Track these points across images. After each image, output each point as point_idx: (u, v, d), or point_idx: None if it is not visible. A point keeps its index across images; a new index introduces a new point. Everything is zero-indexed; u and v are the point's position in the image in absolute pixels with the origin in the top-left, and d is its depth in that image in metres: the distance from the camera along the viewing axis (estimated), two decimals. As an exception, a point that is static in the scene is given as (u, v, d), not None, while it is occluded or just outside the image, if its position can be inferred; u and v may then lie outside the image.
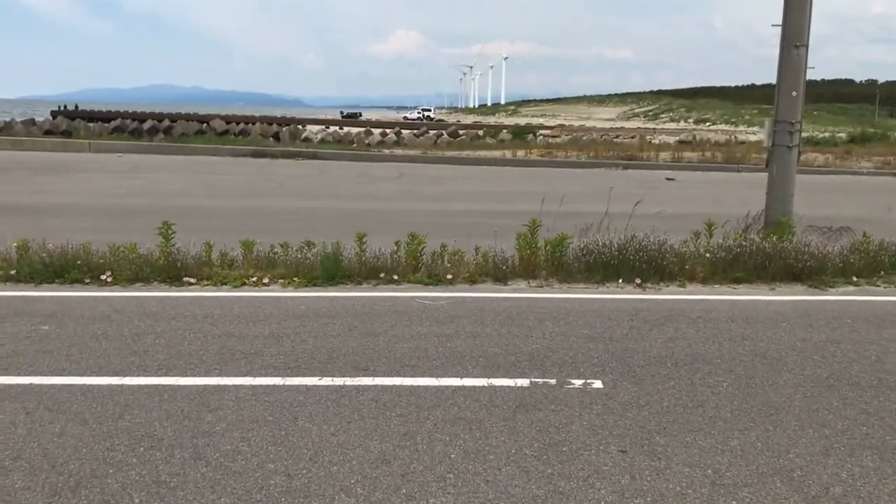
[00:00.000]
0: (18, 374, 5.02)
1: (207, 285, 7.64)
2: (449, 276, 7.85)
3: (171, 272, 7.74)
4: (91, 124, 46.42)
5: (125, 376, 5.03)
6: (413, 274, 7.97)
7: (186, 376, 5.05)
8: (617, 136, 50.57)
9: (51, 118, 54.35)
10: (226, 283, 7.67)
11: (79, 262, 7.64)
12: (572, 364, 5.42)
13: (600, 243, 8.00)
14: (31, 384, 4.87)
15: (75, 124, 44.86)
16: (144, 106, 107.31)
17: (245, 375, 5.08)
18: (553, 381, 5.06)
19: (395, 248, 8.23)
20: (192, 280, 7.71)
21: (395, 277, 7.84)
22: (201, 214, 13.76)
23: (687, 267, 8.10)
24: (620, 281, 7.89)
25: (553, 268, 8.05)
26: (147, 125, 51.06)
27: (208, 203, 15.62)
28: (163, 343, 5.72)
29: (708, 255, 8.24)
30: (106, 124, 49.07)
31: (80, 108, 70.83)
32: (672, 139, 44.95)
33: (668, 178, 23.66)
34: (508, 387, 4.96)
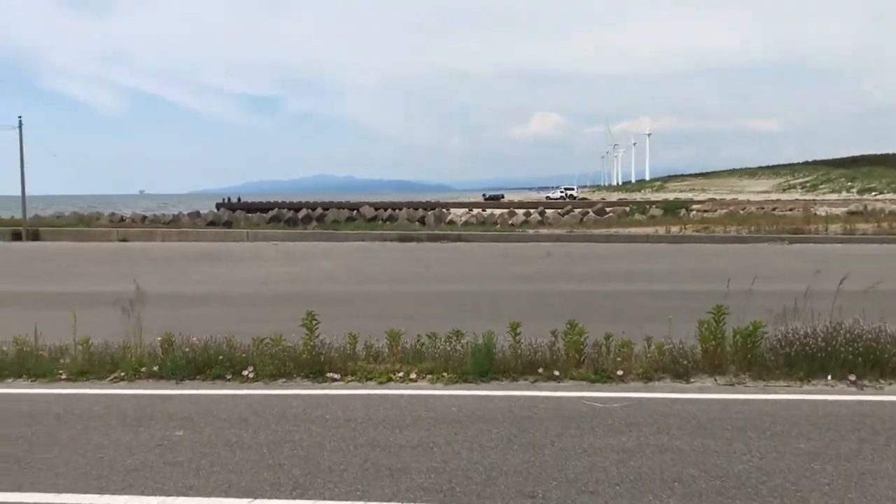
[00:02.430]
0: (142, 493, 4.48)
1: (352, 381, 7.02)
2: (619, 372, 6.82)
3: (315, 367, 7.19)
4: (250, 214, 49.00)
5: (256, 498, 4.37)
6: (576, 369, 7.02)
7: (324, 499, 4.33)
8: (774, 209, 47.56)
9: (214, 210, 57.99)
10: (371, 379, 7.03)
11: (221, 356, 7.26)
12: (796, 493, 4.25)
13: (801, 332, 6.74)
14: (155, 504, 4.30)
15: (236, 215, 47.49)
16: (301, 196, 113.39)
17: (390, 501, 4.29)
18: (775, 518, 3.93)
19: (553, 338, 7.34)
20: (335, 376, 7.12)
21: (556, 373, 6.91)
22: (348, 300, 13.47)
23: (913, 360, 6.68)
24: (829, 378, 6.57)
25: (744, 362, 6.84)
26: (301, 214, 53.32)
27: (356, 288, 15.39)
28: (301, 454, 5.06)
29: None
30: (264, 214, 51.68)
31: (241, 200, 75.53)
32: (839, 210, 41.64)
33: None
34: (717, 525, 3.88)
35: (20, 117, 32.85)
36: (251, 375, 7.12)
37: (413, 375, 7.05)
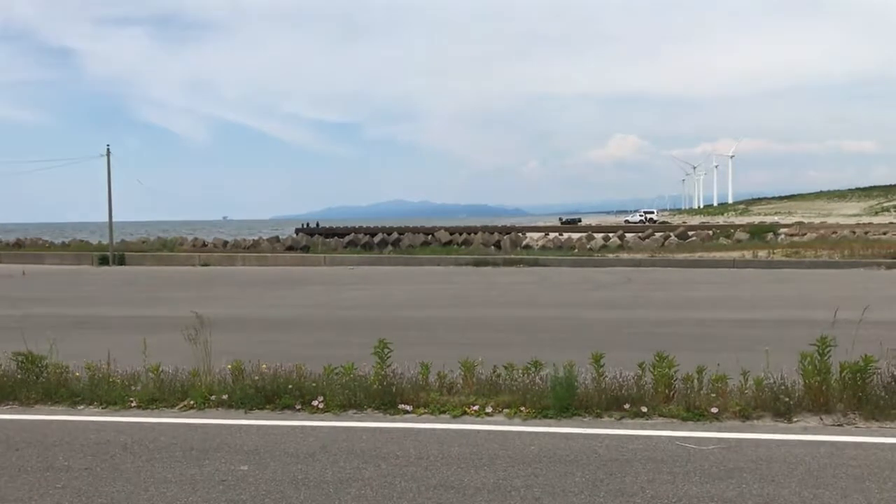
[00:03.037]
0: (201, 535, 4.23)
1: (424, 414, 6.68)
2: (713, 409, 6.27)
3: (386, 398, 6.88)
4: (328, 239, 49.60)
5: (320, 544, 4.06)
6: (665, 405, 6.49)
7: (392, 548, 3.98)
8: (867, 232, 45.23)
9: (294, 235, 59.01)
10: (444, 412, 6.67)
11: (290, 385, 7.03)
12: (932, 560, 3.68)
13: (920, 369, 6.06)
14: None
15: (314, 240, 48.13)
16: (378, 221, 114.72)
17: (464, 553, 3.91)
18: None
19: (640, 371, 6.84)
20: (407, 408, 6.78)
21: (644, 409, 6.40)
22: (422, 326, 13.21)
23: None
24: (955, 421, 5.87)
25: (854, 400, 6.19)
26: (377, 238, 53.70)
27: (430, 313, 15.13)
28: (369, 495, 4.73)
29: None
30: (341, 239, 52.26)
31: (320, 225, 76.75)
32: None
33: None
34: None
35: (108, 146, 34.12)
36: (321, 406, 6.85)
37: (489, 409, 6.65)
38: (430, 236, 54.16)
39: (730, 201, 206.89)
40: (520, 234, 55.03)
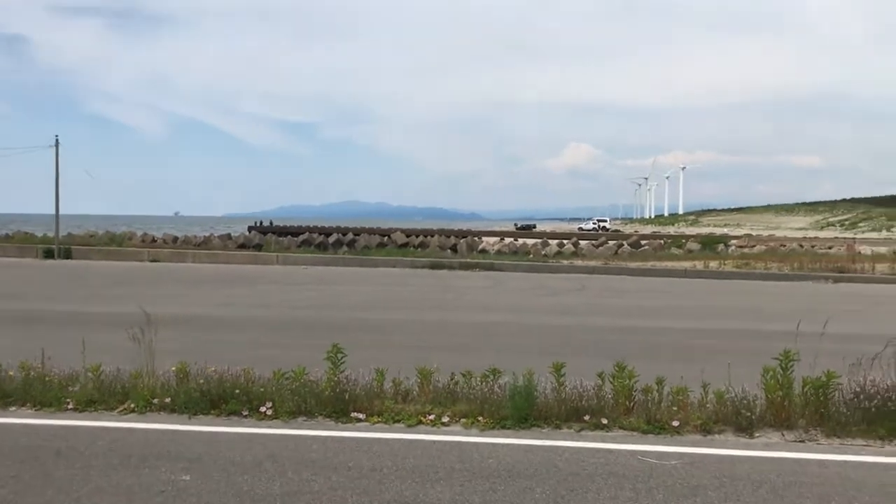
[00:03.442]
0: (136, 553, 3.92)
1: (378, 423, 6.42)
2: (674, 423, 6.15)
3: (339, 405, 6.61)
4: (281, 238, 48.86)
5: (265, 564, 3.79)
6: (625, 417, 6.35)
7: (342, 569, 3.73)
8: (813, 246, 46.24)
9: (246, 233, 58.05)
10: (399, 421, 6.43)
11: (237, 390, 6.71)
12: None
13: (882, 385, 6.02)
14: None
15: (267, 238, 47.35)
16: (333, 221, 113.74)
17: (420, 576, 3.68)
18: None
19: (600, 381, 6.69)
20: (360, 416, 6.52)
21: (604, 421, 6.26)
22: (377, 329, 12.94)
23: None
24: (915, 438, 5.84)
25: (816, 416, 6.12)
26: (332, 238, 53.09)
27: (385, 316, 14.84)
28: (318, 509, 4.47)
29: None
30: (295, 238, 51.52)
31: (273, 223, 75.72)
32: (883, 249, 40.25)
33: None
34: None
35: (56, 136, 33.00)
36: (269, 412, 6.56)
37: (445, 419, 6.43)
38: (386, 238, 53.77)
39: (681, 212, 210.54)
40: (476, 239, 55.00)
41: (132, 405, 6.77)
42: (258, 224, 71.79)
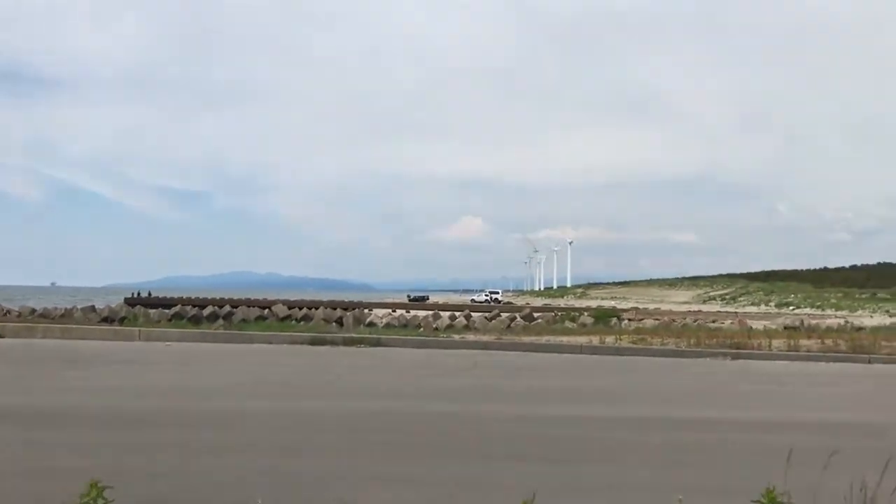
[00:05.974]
0: None
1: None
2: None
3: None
4: (152, 311, 45.29)
5: None
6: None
7: None
8: (696, 320, 46.73)
9: (114, 305, 53.86)
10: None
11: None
12: None
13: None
14: None
15: (135, 311, 43.76)
16: (220, 292, 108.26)
17: None
18: None
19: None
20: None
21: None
22: (230, 423, 10.71)
23: None
24: None
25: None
26: (207, 311, 49.73)
27: (244, 405, 12.56)
28: None
29: None
30: (167, 310, 47.94)
31: (151, 294, 71.33)
32: (770, 323, 40.93)
33: None
34: None
35: None
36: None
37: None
38: (266, 310, 50.87)
39: (569, 284, 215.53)
40: (365, 311, 52.95)
41: None
42: (137, 295, 67.41)
